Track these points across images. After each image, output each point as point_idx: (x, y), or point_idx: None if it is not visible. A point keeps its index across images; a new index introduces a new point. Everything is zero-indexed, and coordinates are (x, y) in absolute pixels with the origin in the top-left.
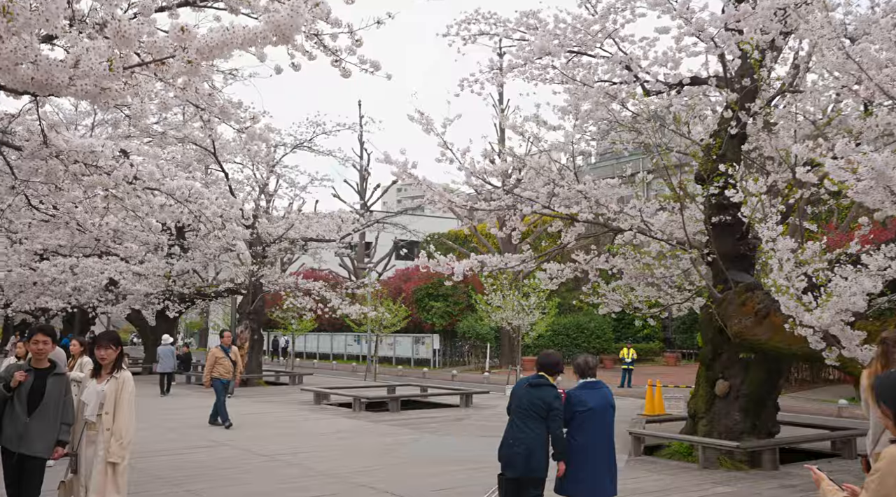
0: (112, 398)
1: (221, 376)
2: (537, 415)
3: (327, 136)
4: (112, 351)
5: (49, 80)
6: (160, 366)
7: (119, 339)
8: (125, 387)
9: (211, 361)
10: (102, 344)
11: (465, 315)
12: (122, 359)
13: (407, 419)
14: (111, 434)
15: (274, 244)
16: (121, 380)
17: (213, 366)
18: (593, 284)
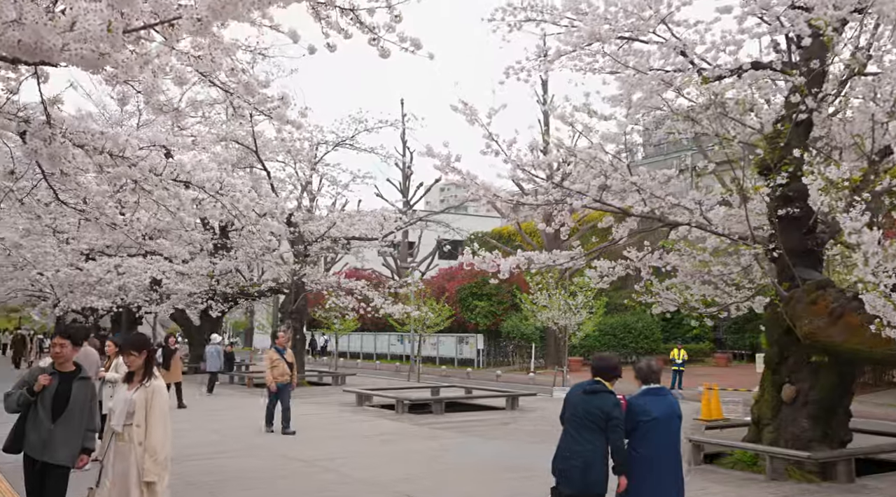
0: (142, 409)
1: (276, 379)
2: (595, 425)
3: (369, 132)
4: (135, 357)
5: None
6: (207, 365)
7: (145, 344)
8: (155, 397)
9: (268, 364)
10: (124, 350)
11: (509, 315)
12: (152, 365)
13: (451, 422)
14: (144, 450)
15: (316, 243)
16: (150, 389)
17: (270, 368)
18: (646, 283)
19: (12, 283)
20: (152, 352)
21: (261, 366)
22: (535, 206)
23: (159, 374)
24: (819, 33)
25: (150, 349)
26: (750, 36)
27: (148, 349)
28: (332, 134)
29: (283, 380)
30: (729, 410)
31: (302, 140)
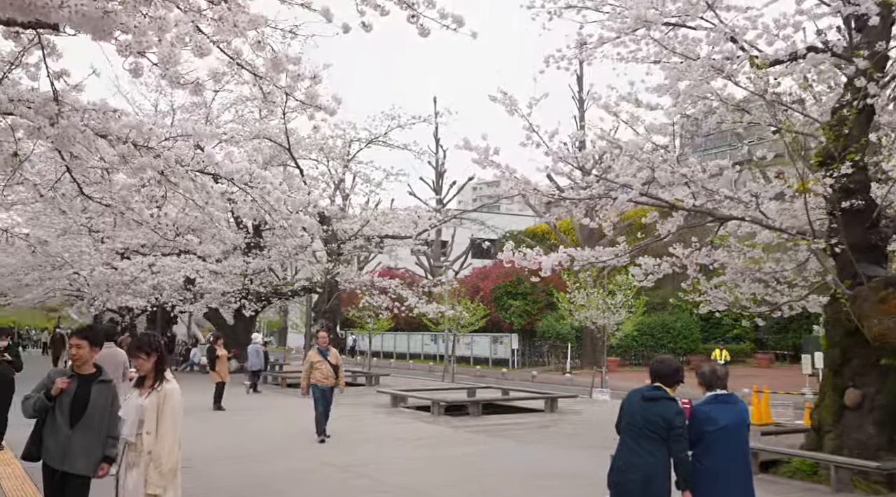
0: (153, 416)
1: (319, 383)
2: (655, 434)
3: (402, 129)
4: (143, 360)
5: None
6: (249, 363)
7: (154, 345)
8: (167, 402)
9: (307, 366)
10: (132, 352)
11: (544, 314)
12: (164, 367)
13: (489, 425)
14: (150, 459)
15: (349, 241)
16: (163, 394)
17: (309, 371)
18: (693, 281)
19: (50, 282)
20: (163, 353)
21: (296, 366)
22: (576, 201)
23: (172, 377)
24: (892, 8)
25: (161, 350)
26: (808, 17)
27: (158, 351)
28: (364, 131)
29: (327, 383)
30: (778, 414)
31: (335, 137)
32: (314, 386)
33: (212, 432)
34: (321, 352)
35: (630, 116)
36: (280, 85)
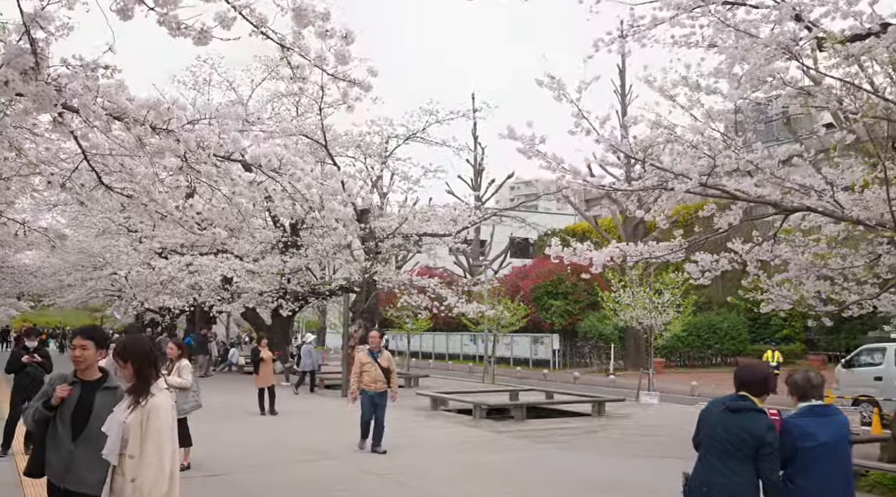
0: (136, 436)
1: (367, 387)
2: (741, 452)
3: (441, 124)
4: (123, 367)
5: None
6: (302, 364)
7: (138, 349)
8: (152, 419)
9: (356, 369)
10: (114, 357)
11: (586, 314)
12: (149, 375)
13: (533, 430)
14: (133, 490)
15: (387, 240)
16: (147, 410)
17: (359, 374)
18: (753, 278)
19: (92, 283)
20: (150, 359)
21: (334, 366)
22: (627, 193)
23: (164, 385)
24: None
25: (148, 355)
26: None
27: (141, 356)
28: (402, 127)
29: (378, 388)
30: None
31: (372, 134)
32: (362, 391)
33: (246, 437)
34: (372, 353)
35: (689, 100)
36: (309, 57)
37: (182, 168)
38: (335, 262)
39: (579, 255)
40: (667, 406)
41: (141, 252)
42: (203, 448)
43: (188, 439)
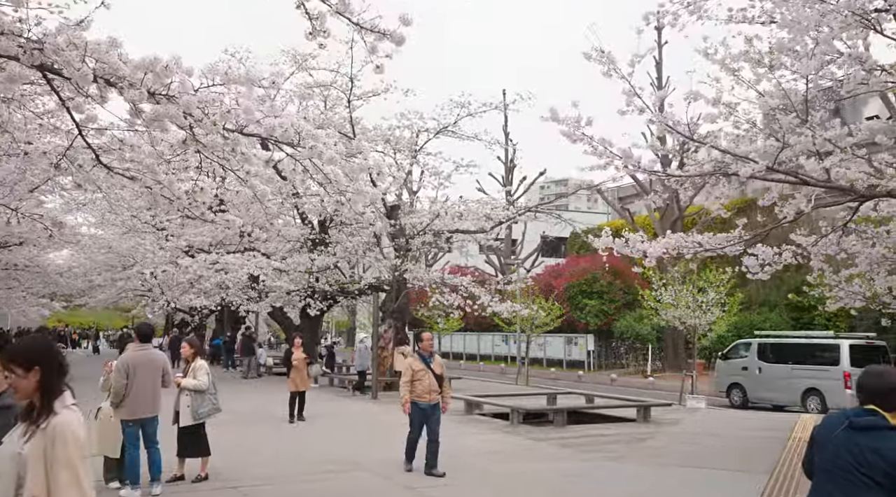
0: (38, 470)
1: (420, 398)
2: (871, 480)
3: (472, 117)
4: (21, 378)
5: None
6: (357, 364)
7: (44, 353)
8: (58, 446)
9: (407, 377)
10: (6, 365)
11: (622, 313)
12: (54, 390)
13: (575, 437)
14: None
15: (418, 236)
16: (50, 434)
17: (410, 383)
18: (818, 274)
19: (122, 283)
20: (58, 365)
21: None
22: (682, 179)
23: (70, 401)
24: None
25: (54, 361)
26: None
27: (48, 362)
28: (433, 120)
29: (433, 399)
30: None
31: (402, 127)
32: (413, 403)
33: (270, 445)
34: (423, 358)
35: (755, 74)
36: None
37: (186, 141)
38: (365, 261)
39: (632, 246)
40: (714, 411)
41: (168, 250)
42: (223, 457)
43: (206, 448)
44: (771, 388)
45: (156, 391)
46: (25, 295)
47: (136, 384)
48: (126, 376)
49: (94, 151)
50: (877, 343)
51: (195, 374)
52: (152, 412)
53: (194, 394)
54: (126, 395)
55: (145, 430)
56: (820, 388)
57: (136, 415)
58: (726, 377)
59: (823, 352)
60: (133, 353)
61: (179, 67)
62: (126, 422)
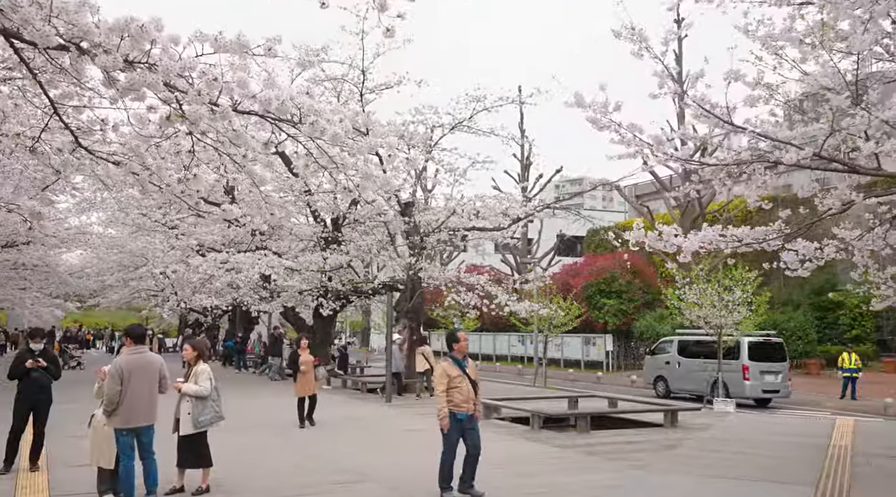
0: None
1: (458, 408)
2: None
3: (488, 112)
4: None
5: None
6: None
7: None
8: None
9: (443, 385)
10: None
11: (641, 313)
12: None
13: (601, 444)
14: None
15: (433, 234)
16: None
17: (446, 391)
18: (863, 271)
19: (135, 283)
20: None
21: (377, 368)
22: (720, 167)
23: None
24: None
25: None
26: None
27: None
28: (448, 115)
29: (468, 409)
30: None
31: (416, 123)
32: (451, 414)
33: (276, 453)
34: (458, 362)
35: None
36: None
37: (170, 117)
38: (378, 260)
39: (666, 240)
40: (744, 415)
41: (178, 249)
42: (225, 466)
43: (207, 458)
44: (687, 380)
45: (152, 398)
46: (39, 295)
47: (131, 390)
48: (120, 382)
49: (72, 132)
50: (774, 340)
51: (197, 378)
52: (148, 420)
53: (195, 400)
54: (120, 403)
55: (141, 439)
56: (724, 379)
57: (130, 423)
58: (653, 370)
59: (728, 347)
60: (127, 357)
61: (160, 31)
62: (120, 431)
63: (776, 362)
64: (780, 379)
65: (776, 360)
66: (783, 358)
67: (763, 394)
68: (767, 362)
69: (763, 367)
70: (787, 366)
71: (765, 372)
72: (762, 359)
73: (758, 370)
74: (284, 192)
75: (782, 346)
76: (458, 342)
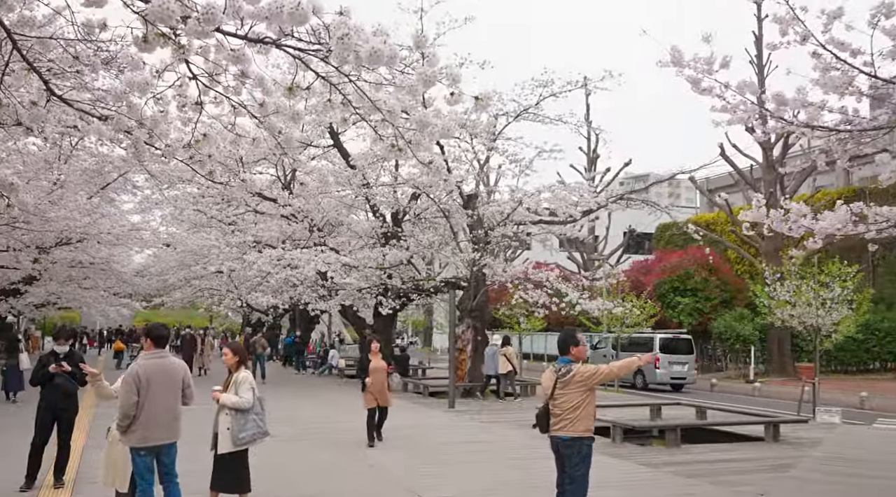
0: None
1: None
2: None
3: (556, 98)
4: None
5: None
6: (486, 367)
7: None
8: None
9: (546, 398)
10: None
11: (719, 312)
12: None
13: (695, 462)
14: None
15: (498, 227)
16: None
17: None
18: None
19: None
20: None
21: (440, 369)
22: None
23: None
24: None
25: None
26: None
27: None
28: (512, 102)
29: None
30: None
31: (479, 110)
32: (585, 439)
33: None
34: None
35: None
36: None
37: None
38: (440, 257)
39: (793, 221)
40: (854, 427)
41: (234, 246)
42: (266, 490)
43: (245, 482)
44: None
45: (175, 410)
46: (106, 294)
47: (150, 402)
48: (136, 392)
49: (38, 74)
50: (682, 337)
51: (238, 388)
52: (170, 438)
53: (235, 414)
54: (136, 416)
55: (161, 459)
56: (642, 368)
57: (149, 441)
58: (595, 362)
59: (646, 343)
60: (146, 362)
61: None
62: (136, 450)
63: (684, 355)
64: (687, 368)
65: (683, 353)
66: (690, 351)
67: (672, 380)
68: (676, 355)
69: (672, 359)
70: (693, 358)
71: (673, 363)
72: (672, 352)
73: (667, 361)
74: (342, 186)
75: (690, 342)
76: (577, 345)
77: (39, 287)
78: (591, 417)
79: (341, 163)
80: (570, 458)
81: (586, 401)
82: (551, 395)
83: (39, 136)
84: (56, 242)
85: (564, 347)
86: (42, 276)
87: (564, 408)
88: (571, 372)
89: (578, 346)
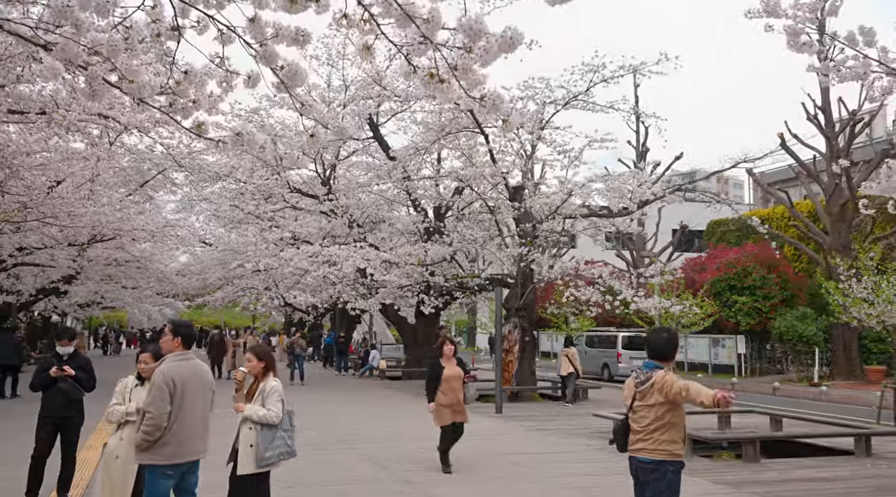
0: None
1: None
2: None
3: (607, 84)
4: None
5: None
6: (560, 369)
7: None
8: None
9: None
10: None
11: (779, 311)
12: None
13: (781, 481)
14: None
15: (547, 220)
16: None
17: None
18: None
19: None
20: None
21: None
22: None
23: None
24: None
25: None
26: None
27: None
28: (560, 89)
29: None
30: None
31: (525, 99)
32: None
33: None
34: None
35: None
36: None
37: None
38: (484, 253)
39: None
40: None
41: (271, 242)
42: None
43: None
44: (590, 364)
45: (206, 421)
46: (149, 293)
47: (184, 410)
48: (171, 399)
49: None
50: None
51: (265, 399)
52: (203, 452)
53: (261, 429)
54: (168, 428)
55: (187, 479)
56: (608, 362)
57: (180, 457)
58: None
59: (611, 340)
60: (176, 364)
61: None
62: (161, 469)
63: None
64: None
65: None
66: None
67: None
68: (637, 351)
69: (633, 355)
70: None
71: (634, 358)
72: (633, 348)
73: (628, 356)
74: (382, 179)
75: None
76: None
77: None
78: (678, 439)
79: (381, 156)
80: (653, 484)
81: (670, 416)
82: (630, 406)
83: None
84: (89, 239)
85: (663, 351)
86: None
87: (643, 424)
88: (651, 379)
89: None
